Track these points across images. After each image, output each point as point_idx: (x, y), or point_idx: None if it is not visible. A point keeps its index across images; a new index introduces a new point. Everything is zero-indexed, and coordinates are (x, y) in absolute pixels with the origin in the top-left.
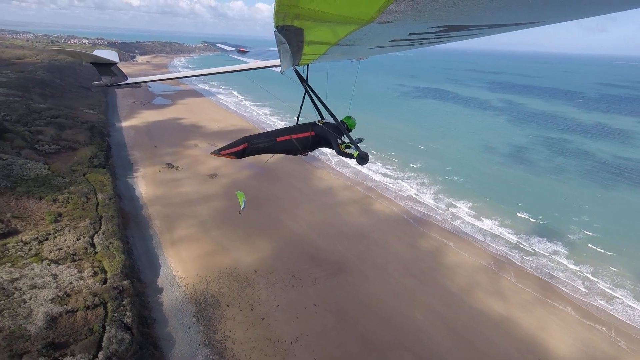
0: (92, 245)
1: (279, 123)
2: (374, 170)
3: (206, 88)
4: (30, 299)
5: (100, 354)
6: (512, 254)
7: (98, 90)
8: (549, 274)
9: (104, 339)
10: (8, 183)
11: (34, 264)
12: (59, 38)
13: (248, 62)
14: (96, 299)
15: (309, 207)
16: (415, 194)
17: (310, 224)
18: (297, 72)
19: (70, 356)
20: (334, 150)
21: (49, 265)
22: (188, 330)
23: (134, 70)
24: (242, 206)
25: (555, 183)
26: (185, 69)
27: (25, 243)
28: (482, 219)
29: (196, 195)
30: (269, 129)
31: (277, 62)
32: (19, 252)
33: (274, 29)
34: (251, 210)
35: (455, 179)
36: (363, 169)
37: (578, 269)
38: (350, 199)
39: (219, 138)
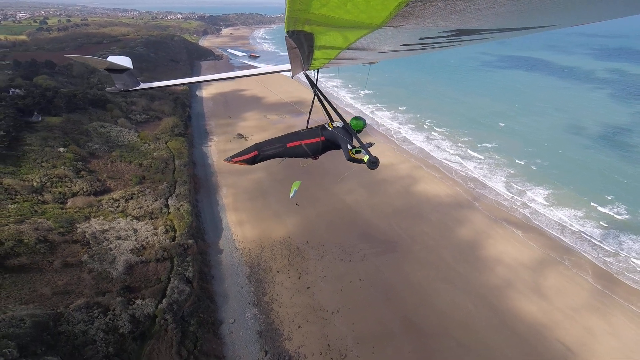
0: (167, 206)
1: (346, 95)
2: (441, 149)
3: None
4: (115, 248)
5: (164, 301)
6: (591, 251)
7: (185, 63)
8: (633, 278)
9: (168, 288)
10: (106, 148)
11: (120, 219)
12: (158, 14)
13: (259, 67)
14: (165, 253)
15: (367, 183)
16: (485, 176)
17: (366, 200)
18: (307, 76)
19: (140, 299)
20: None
21: (132, 221)
22: (240, 290)
23: (216, 42)
24: (291, 195)
25: None
26: (263, 42)
27: (115, 200)
28: (560, 209)
29: (260, 165)
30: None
31: (288, 66)
32: (109, 208)
33: (285, 34)
34: (310, 183)
35: (534, 162)
36: (430, 146)
37: None
38: (411, 177)
39: (288, 110)
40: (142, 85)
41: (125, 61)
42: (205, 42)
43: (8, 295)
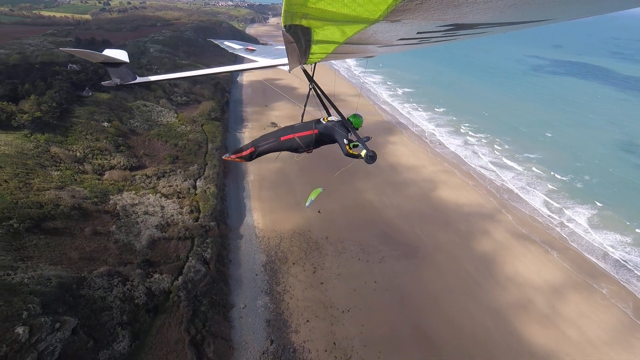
0: (194, 187)
1: (383, 92)
2: (478, 155)
3: None
4: (141, 222)
5: (180, 278)
6: (635, 282)
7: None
8: None
9: (186, 267)
10: (146, 126)
11: (150, 195)
12: (211, 0)
13: (256, 61)
14: (187, 232)
15: (395, 182)
16: (522, 189)
17: (391, 200)
18: (304, 70)
19: (158, 274)
20: (342, 152)
21: (160, 198)
22: (255, 277)
23: (261, 31)
24: (307, 204)
25: None
26: None
27: (148, 177)
28: (604, 233)
29: (291, 155)
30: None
31: (285, 60)
32: (141, 184)
33: (282, 29)
34: (338, 179)
35: (580, 179)
36: (466, 151)
37: None
38: (442, 182)
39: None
40: (139, 79)
41: (121, 55)
42: (251, 30)
43: (40, 254)
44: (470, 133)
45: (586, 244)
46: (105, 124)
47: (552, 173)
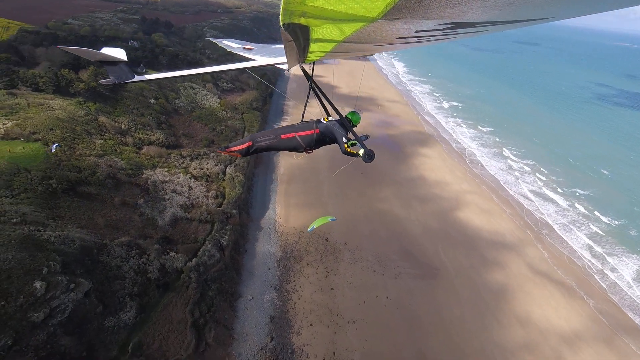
0: (224, 173)
1: (428, 104)
2: (520, 183)
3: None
4: (168, 200)
5: (194, 260)
6: None
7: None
8: None
9: (201, 250)
10: (189, 107)
11: (181, 174)
12: None
13: (255, 60)
14: (209, 216)
15: (425, 199)
16: (563, 226)
17: (418, 216)
18: (303, 69)
19: (174, 252)
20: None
21: (190, 179)
22: (267, 271)
23: None
24: (309, 228)
25: None
26: None
27: (182, 157)
28: None
29: (324, 155)
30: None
31: (284, 59)
32: (174, 162)
33: (281, 27)
34: (366, 185)
35: (635, 226)
36: (508, 177)
37: None
38: (477, 206)
39: (368, 103)
40: (137, 78)
41: (119, 53)
42: None
43: (71, 216)
44: (514, 158)
45: (629, 300)
46: (152, 100)
47: (600, 214)
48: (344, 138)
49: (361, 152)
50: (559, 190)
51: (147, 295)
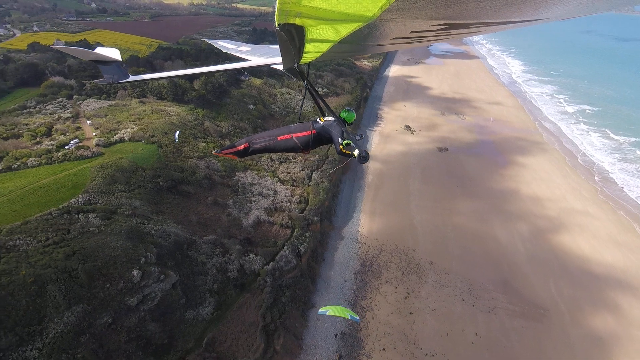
0: (309, 178)
1: (551, 107)
2: None
3: (483, 52)
4: (254, 202)
5: (271, 264)
6: None
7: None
8: None
9: (279, 254)
10: (284, 112)
11: (268, 177)
12: None
13: (250, 60)
14: (290, 221)
15: (536, 221)
16: None
17: (525, 243)
18: (299, 69)
19: (254, 254)
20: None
21: (277, 182)
22: (343, 283)
23: None
24: (320, 311)
25: None
26: None
27: (272, 160)
28: None
29: (416, 163)
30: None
31: (279, 59)
32: (264, 165)
33: (276, 27)
34: (461, 198)
35: None
36: None
37: None
38: (610, 237)
39: (474, 110)
40: (131, 78)
41: (113, 53)
42: None
43: (170, 212)
44: None
45: None
46: (251, 106)
47: None
48: (339, 138)
49: (355, 153)
50: None
51: (224, 293)
